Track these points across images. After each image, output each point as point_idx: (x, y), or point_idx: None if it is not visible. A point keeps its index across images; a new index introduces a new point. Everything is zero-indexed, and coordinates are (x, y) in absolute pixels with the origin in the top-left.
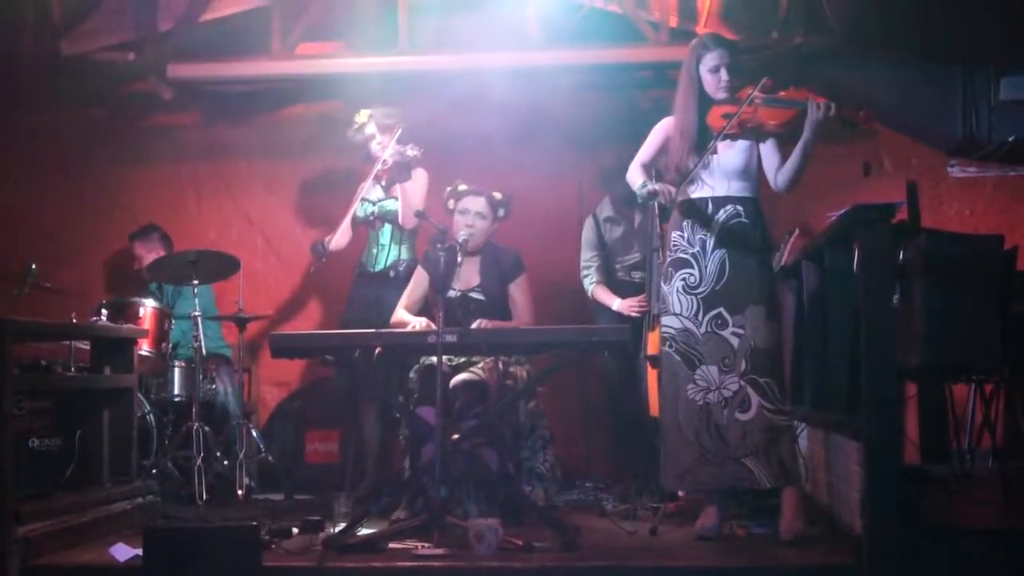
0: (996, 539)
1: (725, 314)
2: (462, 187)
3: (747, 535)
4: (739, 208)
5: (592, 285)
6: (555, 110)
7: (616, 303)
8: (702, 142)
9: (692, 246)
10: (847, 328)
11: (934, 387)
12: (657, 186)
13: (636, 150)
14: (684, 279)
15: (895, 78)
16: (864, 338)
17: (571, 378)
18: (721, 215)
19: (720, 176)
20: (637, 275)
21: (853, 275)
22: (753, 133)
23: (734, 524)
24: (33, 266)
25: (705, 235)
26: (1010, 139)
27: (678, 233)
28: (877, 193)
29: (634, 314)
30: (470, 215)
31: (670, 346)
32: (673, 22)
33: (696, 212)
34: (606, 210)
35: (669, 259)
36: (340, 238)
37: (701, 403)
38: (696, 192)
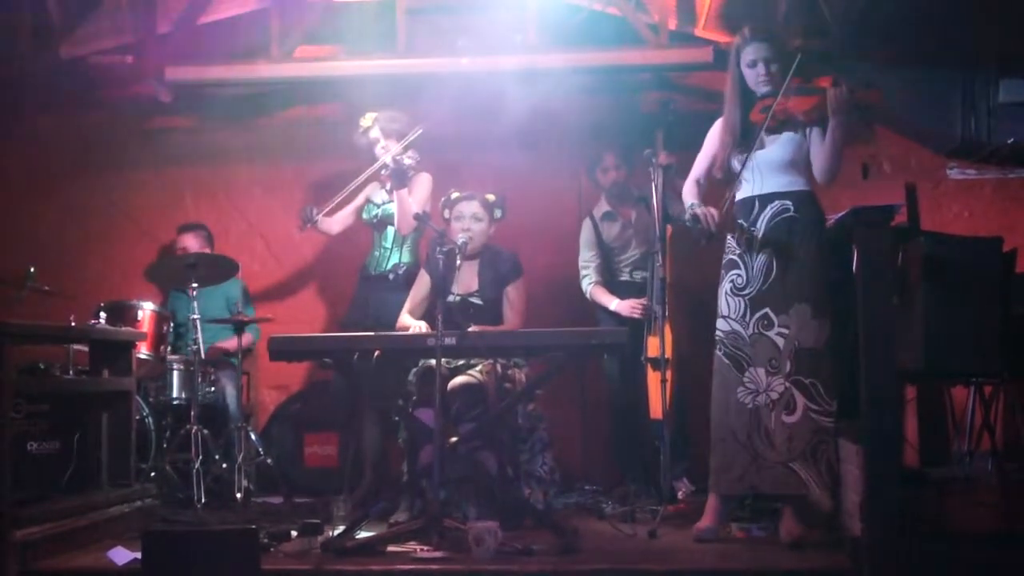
0: (995, 542)
1: (771, 314)
2: (455, 195)
3: (747, 537)
4: (787, 203)
5: (590, 285)
6: (554, 113)
7: (614, 303)
8: (747, 139)
9: (739, 246)
10: (846, 330)
11: (933, 390)
12: (699, 209)
13: (636, 151)
14: (732, 280)
15: (894, 80)
16: (863, 340)
17: (570, 381)
18: (768, 212)
19: (762, 172)
20: (639, 275)
21: (852, 277)
22: (788, 124)
23: (734, 527)
24: (32, 269)
25: (751, 234)
26: (1009, 141)
27: (730, 235)
28: (876, 195)
29: (636, 315)
30: (465, 220)
31: (720, 349)
32: (672, 24)
33: (743, 212)
34: (602, 207)
35: (723, 261)
36: (334, 223)
37: (751, 406)
38: (742, 191)
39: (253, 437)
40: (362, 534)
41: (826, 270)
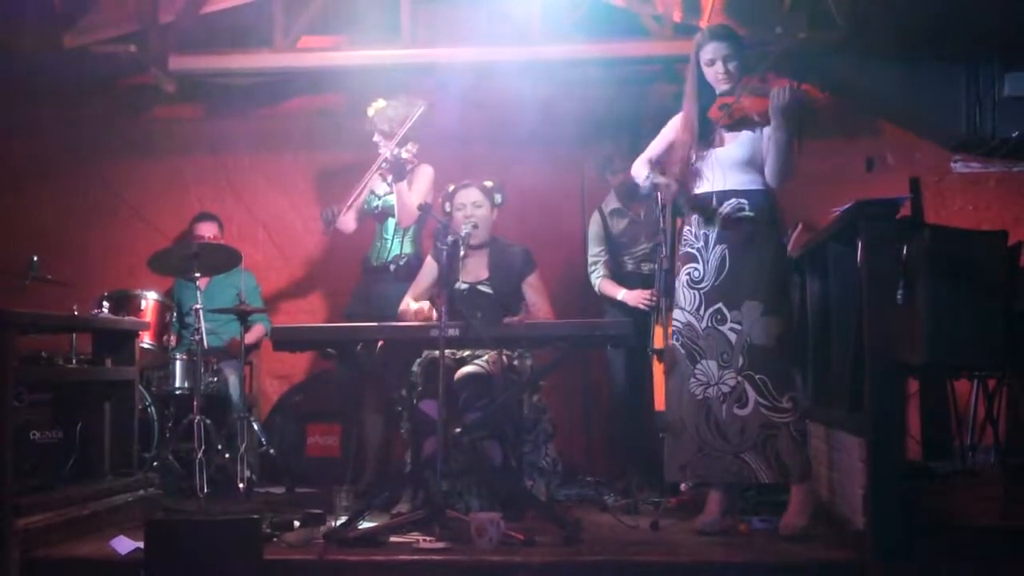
0: (998, 535)
1: (724, 309)
2: (451, 186)
3: (749, 530)
4: (743, 201)
5: (599, 280)
6: (557, 104)
7: (621, 293)
8: (704, 135)
9: (697, 240)
10: (850, 323)
11: (936, 383)
12: (660, 180)
13: (646, 144)
14: (689, 273)
15: (899, 74)
16: (867, 333)
17: (573, 372)
18: (724, 209)
19: (721, 169)
20: (646, 267)
21: (856, 270)
22: (745, 124)
23: (736, 519)
24: (35, 259)
25: (708, 229)
26: (1014, 135)
27: (687, 228)
28: (880, 188)
29: (643, 306)
30: (467, 208)
31: (676, 339)
32: (677, 16)
33: (700, 207)
34: (611, 203)
35: (680, 253)
36: (350, 221)
37: (701, 397)
38: (700, 187)
39: (256, 427)
40: (364, 524)
41: (781, 269)
